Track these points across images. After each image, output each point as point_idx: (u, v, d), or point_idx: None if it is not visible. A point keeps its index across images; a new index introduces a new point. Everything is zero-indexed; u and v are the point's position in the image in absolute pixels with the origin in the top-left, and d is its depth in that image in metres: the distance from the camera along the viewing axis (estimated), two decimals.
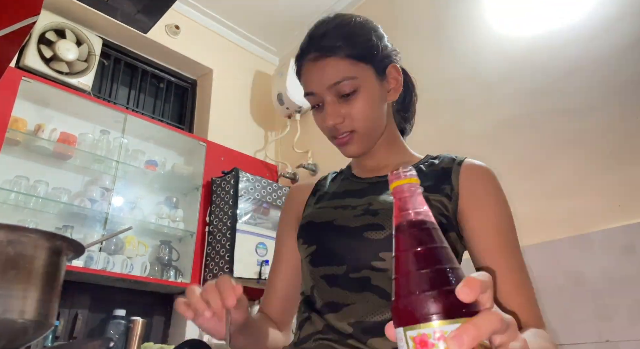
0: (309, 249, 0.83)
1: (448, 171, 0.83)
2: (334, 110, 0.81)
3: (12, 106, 2.14)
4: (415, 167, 0.86)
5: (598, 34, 1.81)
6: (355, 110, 0.81)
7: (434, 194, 0.79)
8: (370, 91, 0.82)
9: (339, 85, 0.80)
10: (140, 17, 1.51)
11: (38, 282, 0.53)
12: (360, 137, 0.83)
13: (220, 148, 2.85)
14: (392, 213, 0.69)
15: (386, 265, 0.73)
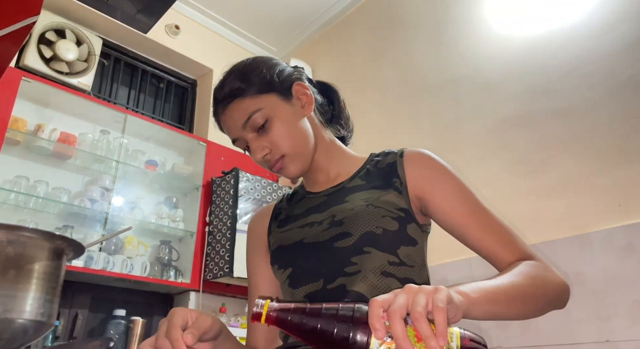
0: (286, 272, 0.84)
1: (393, 165, 0.86)
2: (257, 145, 0.85)
3: (12, 106, 2.14)
4: (363, 169, 0.90)
5: (598, 34, 1.81)
6: (275, 137, 0.84)
7: (386, 191, 0.83)
8: (281, 115, 0.85)
9: (250, 121, 0.84)
10: (140, 17, 1.51)
11: (38, 282, 0.53)
12: (292, 157, 0.85)
13: (220, 148, 2.85)
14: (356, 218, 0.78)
15: (358, 267, 0.76)
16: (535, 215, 1.75)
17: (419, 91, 2.44)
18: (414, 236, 0.80)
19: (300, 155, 0.86)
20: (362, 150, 1.00)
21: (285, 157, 0.85)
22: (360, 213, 0.80)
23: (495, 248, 0.77)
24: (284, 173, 0.88)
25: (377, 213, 0.79)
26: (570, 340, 1.53)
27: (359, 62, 2.90)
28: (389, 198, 0.81)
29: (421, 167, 0.84)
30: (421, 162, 0.85)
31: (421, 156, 0.86)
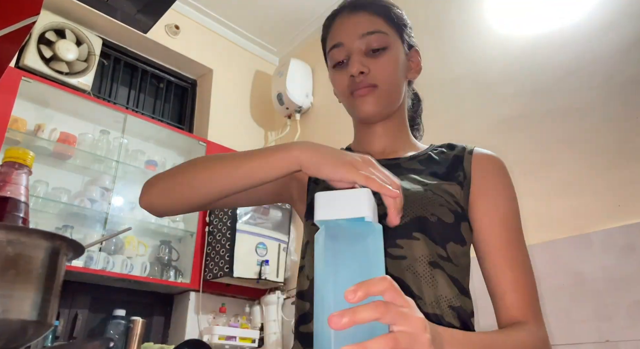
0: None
1: (460, 159, 0.82)
2: (361, 59, 0.80)
3: (12, 106, 2.14)
4: (424, 154, 0.84)
5: (598, 34, 1.81)
6: (382, 66, 0.80)
7: (449, 182, 0.78)
8: (397, 54, 0.83)
9: (371, 36, 0.80)
10: (140, 17, 1.51)
11: (38, 282, 0.53)
12: (381, 94, 0.81)
13: (220, 148, 2.85)
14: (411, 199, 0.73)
15: (404, 252, 0.70)
16: (535, 215, 1.75)
17: (419, 91, 2.44)
18: (464, 236, 0.75)
19: (387, 97, 0.82)
20: None
21: (376, 88, 0.80)
22: (417, 194, 0.74)
23: (507, 287, 0.71)
24: (363, 103, 0.81)
25: (435, 200, 0.74)
26: (570, 340, 1.53)
27: None
28: (449, 189, 0.77)
29: (487, 170, 0.80)
30: (490, 164, 0.81)
31: (492, 159, 0.82)
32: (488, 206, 0.76)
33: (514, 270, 0.72)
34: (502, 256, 0.73)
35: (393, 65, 0.81)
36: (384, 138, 0.87)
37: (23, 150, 0.64)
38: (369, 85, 0.80)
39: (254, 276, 2.49)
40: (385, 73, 0.80)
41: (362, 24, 0.81)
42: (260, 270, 2.51)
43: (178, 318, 2.56)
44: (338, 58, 0.83)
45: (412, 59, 0.88)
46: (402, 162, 0.83)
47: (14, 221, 0.60)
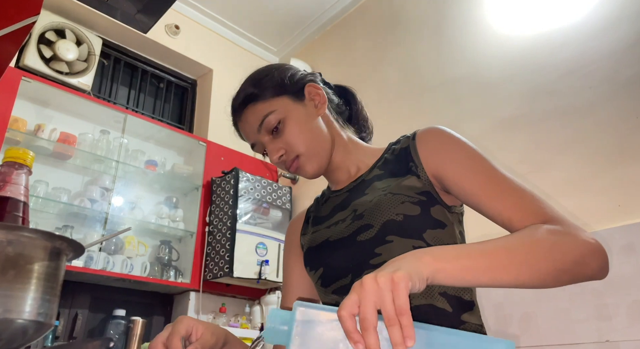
0: (317, 273, 0.85)
1: (407, 149, 0.85)
2: (273, 146, 0.86)
3: (12, 106, 2.14)
4: (382, 159, 0.89)
5: (598, 34, 1.81)
6: (290, 137, 0.85)
7: (404, 177, 0.81)
8: (294, 115, 0.86)
9: (264, 124, 0.86)
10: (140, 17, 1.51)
11: (38, 282, 0.53)
12: (307, 157, 0.86)
13: (220, 148, 2.85)
14: (376, 208, 0.76)
15: (383, 257, 0.74)
16: None
17: (419, 91, 2.44)
18: (440, 219, 0.78)
19: (315, 154, 0.86)
20: None
21: (300, 156, 0.86)
22: (378, 202, 0.78)
23: (510, 213, 0.71)
24: (301, 173, 0.88)
25: (395, 200, 0.77)
26: (570, 340, 1.53)
27: (359, 62, 2.89)
28: (407, 183, 0.80)
29: (432, 144, 0.82)
30: (431, 138, 0.83)
31: (430, 132, 0.84)
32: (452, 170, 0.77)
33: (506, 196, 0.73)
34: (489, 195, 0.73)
35: (298, 128, 0.86)
36: (342, 170, 0.92)
37: (23, 150, 0.64)
38: (293, 159, 0.86)
39: (254, 276, 2.49)
40: (297, 140, 0.85)
41: (251, 121, 0.88)
42: (260, 270, 2.51)
43: None
44: (260, 152, 0.92)
45: (313, 98, 0.90)
46: (364, 176, 0.88)
47: (14, 221, 0.60)
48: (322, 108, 0.90)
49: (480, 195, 0.74)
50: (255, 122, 0.87)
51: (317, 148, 0.87)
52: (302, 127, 0.86)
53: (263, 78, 0.90)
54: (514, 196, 0.73)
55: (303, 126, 0.86)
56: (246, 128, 0.91)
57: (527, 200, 0.73)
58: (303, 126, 0.86)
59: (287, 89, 0.88)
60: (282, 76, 0.90)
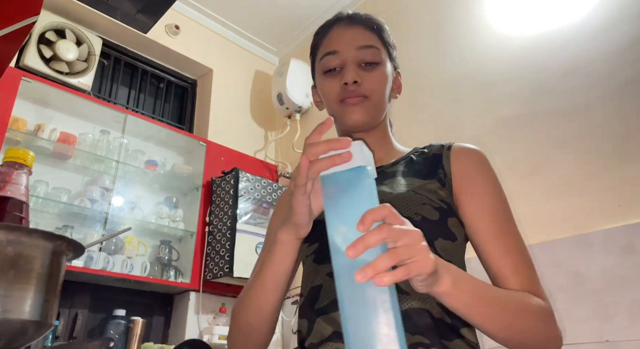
0: (312, 247, 0.82)
1: (439, 157, 0.84)
2: (356, 70, 0.84)
3: (12, 106, 2.14)
4: (406, 158, 0.88)
5: (598, 34, 1.81)
6: (374, 79, 0.84)
7: (429, 180, 0.80)
8: (387, 71, 0.87)
9: (367, 50, 0.85)
10: (140, 17, 1.51)
11: (37, 282, 0.53)
12: (370, 105, 0.85)
13: (220, 148, 2.85)
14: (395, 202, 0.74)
15: None
16: (535, 215, 1.75)
17: (419, 91, 2.44)
18: (454, 231, 0.77)
19: (375, 109, 0.86)
20: None
21: (367, 99, 0.84)
22: (399, 197, 0.77)
23: (509, 273, 0.72)
24: (352, 112, 0.84)
25: (417, 199, 0.76)
26: (570, 340, 1.53)
27: None
28: (431, 187, 0.79)
29: (469, 164, 0.81)
30: (469, 157, 0.82)
31: (471, 151, 0.83)
32: (474, 201, 0.77)
33: (511, 256, 0.73)
34: (496, 245, 0.74)
35: (384, 80, 0.86)
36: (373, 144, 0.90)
37: (23, 150, 0.64)
38: (360, 96, 0.84)
39: None
40: (377, 87, 0.85)
41: (359, 37, 0.86)
42: None
43: (178, 318, 2.56)
44: (331, 65, 0.86)
45: (395, 80, 0.93)
46: (385, 168, 0.87)
47: (14, 220, 0.60)
48: (396, 95, 0.93)
49: (489, 242, 0.74)
50: (364, 41, 0.85)
51: (380, 107, 0.87)
52: (386, 85, 0.87)
53: (387, 31, 0.92)
54: (518, 258, 0.74)
55: (386, 85, 0.87)
56: (347, 36, 0.86)
57: (527, 266, 0.74)
58: (386, 85, 0.87)
59: (392, 55, 0.91)
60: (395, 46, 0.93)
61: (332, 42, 0.88)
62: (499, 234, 0.75)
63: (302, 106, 3.04)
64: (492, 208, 0.77)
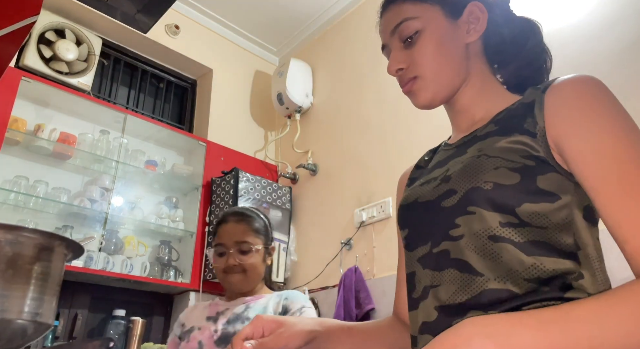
0: (403, 233, 0.76)
1: (533, 102, 0.69)
2: (396, 55, 0.77)
3: (12, 106, 2.14)
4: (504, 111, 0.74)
5: (598, 34, 1.81)
6: (418, 53, 0.75)
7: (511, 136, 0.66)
8: (435, 31, 0.75)
9: (400, 28, 0.76)
10: (140, 17, 1.51)
11: (36, 282, 0.53)
12: (426, 83, 0.75)
13: (220, 148, 2.85)
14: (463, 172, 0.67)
15: (462, 230, 0.64)
16: None
17: None
18: (551, 190, 0.61)
19: (436, 82, 0.75)
20: (361, 150, 0.99)
21: (418, 79, 0.75)
22: (467, 166, 0.66)
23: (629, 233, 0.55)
24: (412, 98, 0.78)
25: (488, 164, 0.64)
26: None
27: (359, 62, 2.89)
28: (511, 145, 0.65)
29: (563, 99, 0.66)
30: (565, 90, 0.67)
31: (568, 83, 0.69)
32: (575, 143, 0.61)
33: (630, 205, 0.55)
34: (611, 195, 0.57)
35: (432, 46, 0.74)
36: (466, 114, 0.80)
37: None
38: (409, 80, 0.77)
39: None
40: (424, 60, 0.75)
41: (390, 20, 0.79)
42: None
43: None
44: (387, 56, 0.82)
45: (471, 20, 0.77)
46: (478, 132, 0.74)
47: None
48: (473, 36, 0.77)
49: (600, 191, 0.58)
50: (393, 22, 0.77)
51: (442, 77, 0.75)
52: (439, 48, 0.75)
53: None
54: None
55: (440, 47, 0.75)
56: (383, 26, 0.81)
57: None
58: (440, 47, 0.75)
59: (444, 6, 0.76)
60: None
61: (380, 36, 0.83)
62: (615, 178, 0.57)
63: (302, 106, 3.04)
64: (602, 145, 0.60)
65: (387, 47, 0.81)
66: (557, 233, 0.61)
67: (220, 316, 1.38)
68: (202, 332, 1.35)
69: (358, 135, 2.62)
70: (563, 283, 0.58)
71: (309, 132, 3.05)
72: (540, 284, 0.58)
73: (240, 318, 1.34)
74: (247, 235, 1.39)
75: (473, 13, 0.78)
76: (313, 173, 2.88)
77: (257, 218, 1.46)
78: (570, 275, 0.59)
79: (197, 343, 1.34)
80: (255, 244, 1.38)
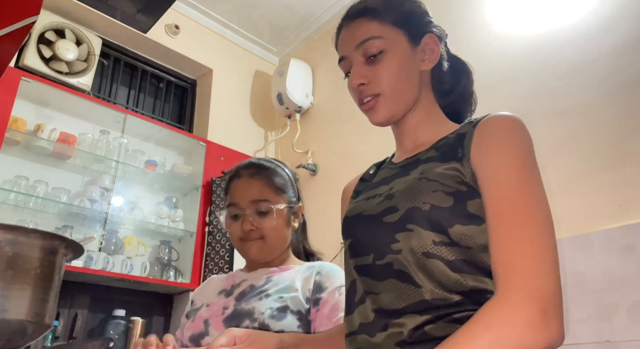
0: (346, 243, 0.81)
1: (464, 136, 0.75)
2: (359, 70, 0.81)
3: (12, 106, 2.14)
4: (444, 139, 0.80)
5: (598, 34, 1.81)
6: (381, 71, 0.79)
7: (447, 163, 0.73)
8: (398, 54, 0.80)
9: (365, 44, 0.80)
10: (140, 17, 1.51)
11: (36, 282, 0.53)
12: (386, 100, 0.80)
13: (220, 148, 2.85)
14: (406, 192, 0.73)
15: (401, 245, 0.69)
16: None
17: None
18: (477, 213, 0.68)
19: (394, 101, 0.80)
20: (361, 150, 1.00)
21: (380, 96, 0.80)
22: (410, 186, 0.73)
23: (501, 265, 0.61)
24: (370, 115, 0.82)
25: (427, 187, 0.71)
26: (570, 340, 1.53)
27: None
28: (447, 171, 0.72)
29: (486, 135, 0.71)
30: (488, 128, 0.72)
31: (492, 122, 0.73)
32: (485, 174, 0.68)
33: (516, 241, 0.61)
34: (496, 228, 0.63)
35: (394, 67, 0.80)
36: (411, 135, 0.85)
37: None
38: (371, 95, 0.80)
39: None
40: (386, 79, 0.79)
41: (357, 33, 0.82)
42: None
43: (178, 318, 2.56)
44: (345, 70, 0.86)
45: (426, 48, 0.83)
46: (421, 155, 0.80)
47: None
48: (428, 65, 0.83)
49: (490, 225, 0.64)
50: (359, 38, 0.81)
51: (400, 96, 0.80)
52: (400, 70, 0.80)
53: (394, 2, 0.84)
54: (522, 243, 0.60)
55: (401, 69, 0.80)
56: (346, 39, 0.84)
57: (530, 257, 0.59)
58: (401, 69, 0.80)
59: (409, 25, 0.82)
60: (413, 10, 0.84)
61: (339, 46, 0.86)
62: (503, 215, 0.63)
63: (302, 106, 3.04)
64: (501, 181, 0.66)
65: (347, 60, 0.84)
66: (480, 254, 0.68)
67: (235, 290, 1.12)
68: (210, 309, 1.10)
69: (358, 135, 2.62)
70: (480, 297, 0.65)
71: (309, 132, 3.04)
72: (465, 297, 0.65)
73: (257, 293, 1.06)
74: (264, 192, 1.10)
75: (429, 44, 0.83)
76: (313, 173, 2.88)
77: (278, 170, 1.16)
78: (486, 292, 0.66)
79: (202, 322, 1.07)
80: (276, 203, 1.10)
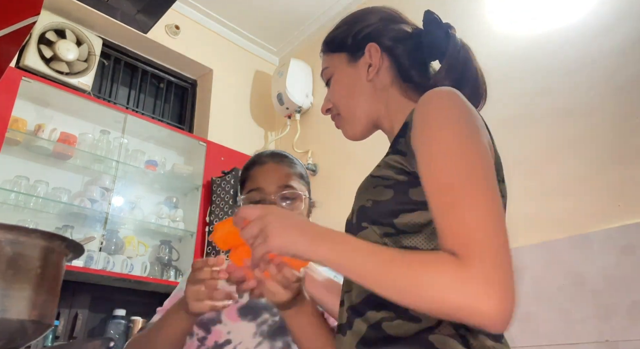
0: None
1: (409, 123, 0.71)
2: (325, 97, 0.90)
3: (12, 106, 2.14)
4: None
5: (598, 34, 1.81)
6: (332, 96, 0.88)
7: (388, 156, 0.74)
8: (341, 76, 0.87)
9: (322, 75, 0.91)
10: (140, 17, 1.51)
11: (37, 282, 0.53)
12: (345, 119, 0.87)
13: (220, 148, 2.85)
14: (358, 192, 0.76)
15: None
16: (534, 215, 1.75)
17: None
18: (424, 199, 0.63)
19: (352, 117, 0.86)
20: (361, 150, 1.00)
21: (339, 116, 0.88)
22: (361, 186, 0.76)
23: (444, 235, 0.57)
24: (343, 132, 0.89)
25: (370, 184, 0.72)
26: (570, 340, 1.53)
27: None
28: (388, 163, 0.72)
29: (417, 115, 0.68)
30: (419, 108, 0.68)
31: (421, 101, 0.69)
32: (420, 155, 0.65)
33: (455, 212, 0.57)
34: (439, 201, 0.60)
35: (340, 89, 0.86)
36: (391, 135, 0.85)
37: None
38: (335, 116, 0.89)
39: None
40: (336, 101, 0.87)
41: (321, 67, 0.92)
42: None
43: None
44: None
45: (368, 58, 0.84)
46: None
47: None
48: (370, 74, 0.83)
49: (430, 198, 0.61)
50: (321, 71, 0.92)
51: (357, 113, 0.85)
52: (345, 89, 0.86)
53: (336, 30, 0.91)
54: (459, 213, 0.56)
55: (345, 89, 0.86)
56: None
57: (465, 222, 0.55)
58: (345, 89, 0.86)
59: (347, 47, 0.87)
60: (349, 32, 0.88)
61: None
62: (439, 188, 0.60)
63: (302, 106, 3.04)
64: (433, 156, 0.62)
65: None
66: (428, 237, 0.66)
67: None
68: None
69: None
70: None
71: (309, 132, 3.05)
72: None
73: None
74: (291, 178, 1.07)
75: (370, 52, 0.85)
76: (313, 173, 2.88)
77: (299, 163, 1.16)
78: None
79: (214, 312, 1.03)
80: (302, 191, 1.07)
